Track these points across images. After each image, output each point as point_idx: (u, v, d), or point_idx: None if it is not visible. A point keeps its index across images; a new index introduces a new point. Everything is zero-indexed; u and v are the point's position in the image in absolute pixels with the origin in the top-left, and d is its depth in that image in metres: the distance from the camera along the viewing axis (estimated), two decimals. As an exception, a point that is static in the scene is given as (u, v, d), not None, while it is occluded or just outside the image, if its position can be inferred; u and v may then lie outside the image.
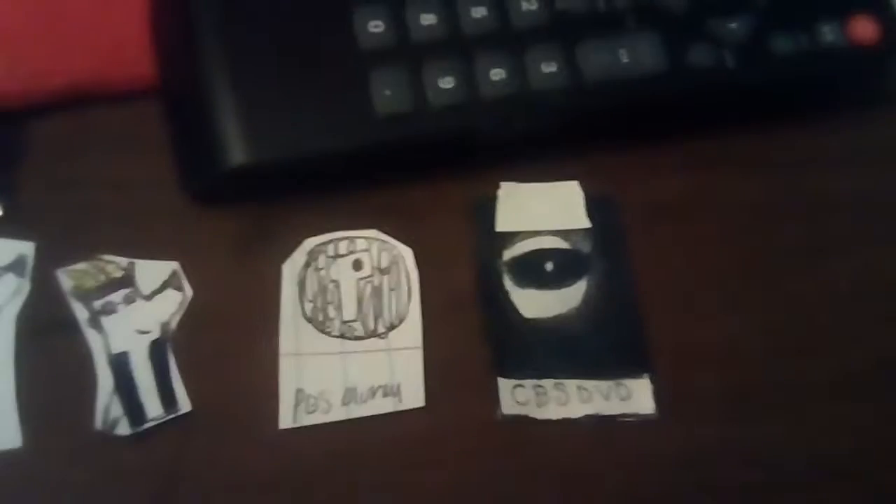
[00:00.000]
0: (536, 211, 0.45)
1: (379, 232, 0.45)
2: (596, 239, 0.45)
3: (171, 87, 0.46)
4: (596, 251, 0.45)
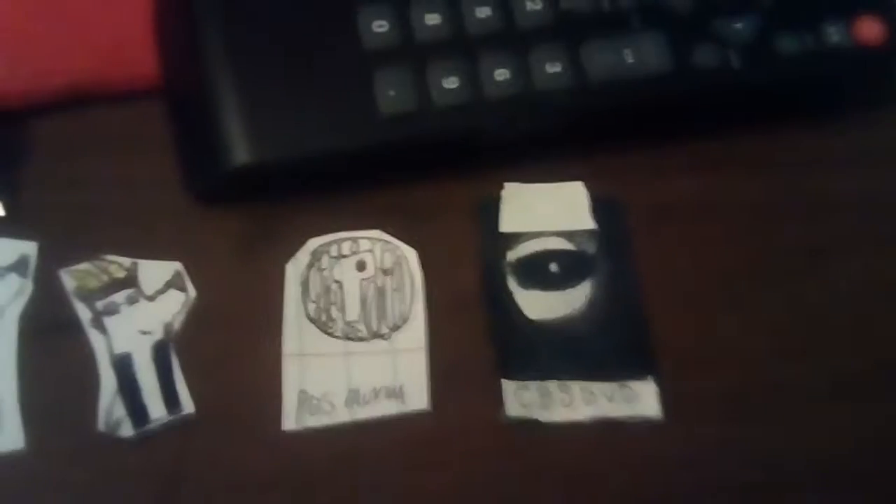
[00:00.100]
0: (541, 212, 0.45)
1: (382, 232, 0.45)
2: (601, 240, 0.45)
3: (174, 86, 0.46)
4: (601, 252, 0.45)
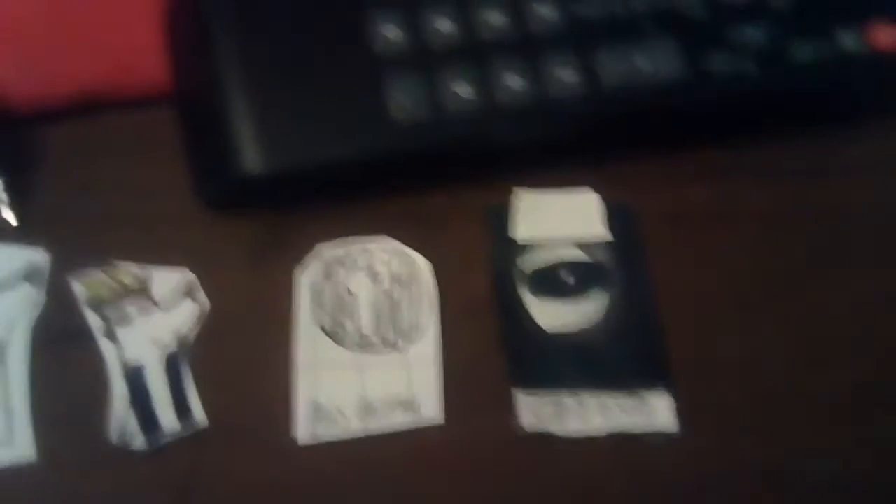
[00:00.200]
0: (554, 220, 0.45)
1: (395, 241, 0.44)
2: (615, 250, 0.44)
3: (185, 93, 0.45)
4: (614, 262, 0.44)
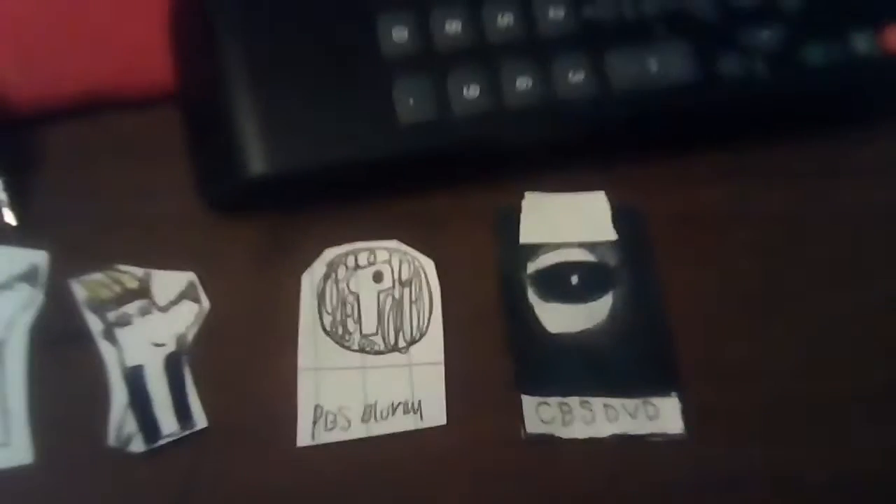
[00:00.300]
0: (562, 222, 0.44)
1: (400, 243, 0.44)
2: (623, 251, 0.44)
3: (189, 93, 0.45)
4: (623, 264, 0.44)
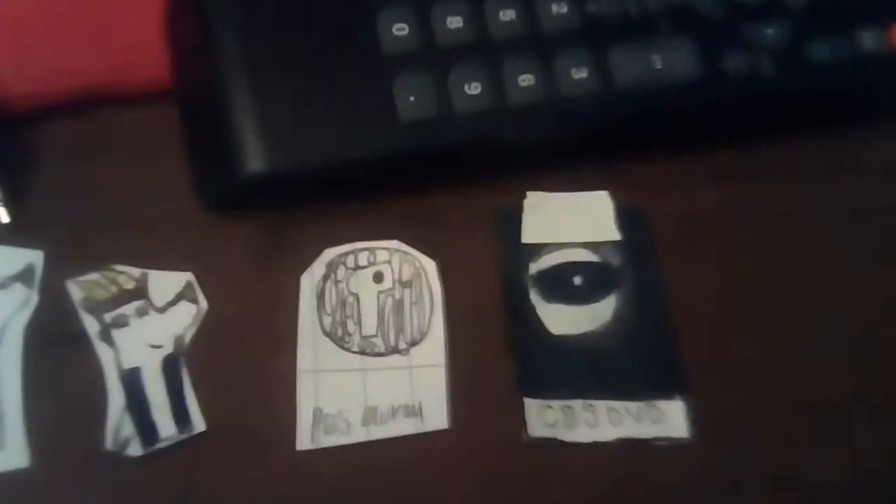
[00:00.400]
0: (564, 222, 0.44)
1: (400, 243, 0.43)
2: (626, 252, 0.43)
3: (186, 90, 0.44)
4: (626, 264, 0.43)
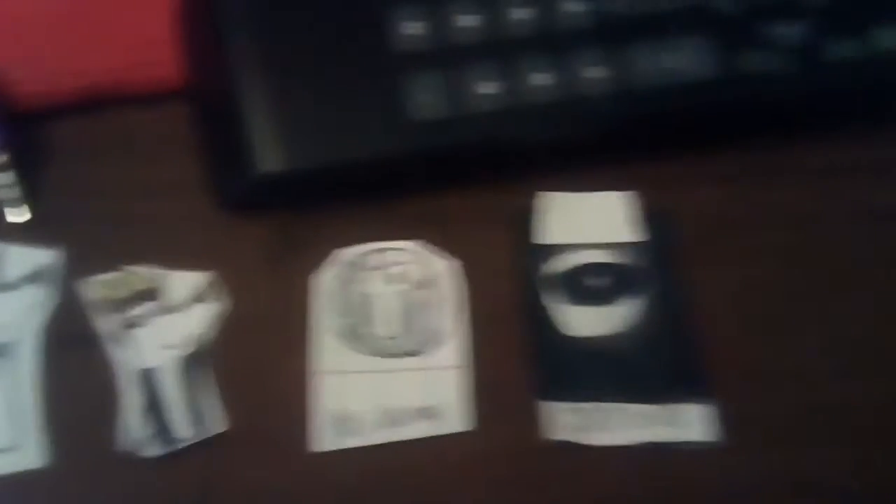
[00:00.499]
0: (582, 222, 0.44)
1: (415, 243, 0.43)
2: (647, 253, 0.43)
3: (199, 90, 0.44)
4: (646, 266, 0.43)
